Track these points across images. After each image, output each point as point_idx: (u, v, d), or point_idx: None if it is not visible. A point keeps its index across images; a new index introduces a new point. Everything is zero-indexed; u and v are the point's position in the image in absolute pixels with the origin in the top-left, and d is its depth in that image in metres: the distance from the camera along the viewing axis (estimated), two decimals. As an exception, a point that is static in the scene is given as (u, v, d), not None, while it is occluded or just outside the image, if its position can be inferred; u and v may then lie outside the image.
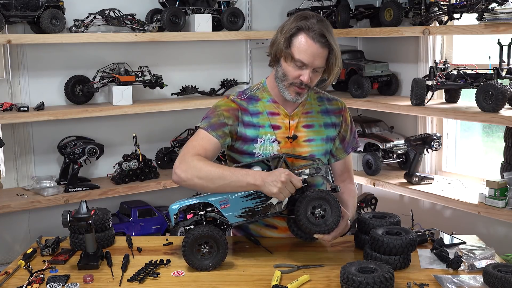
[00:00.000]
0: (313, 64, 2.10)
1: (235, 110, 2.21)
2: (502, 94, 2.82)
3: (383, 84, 3.79)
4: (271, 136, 2.22)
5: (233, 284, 1.92)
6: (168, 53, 3.72)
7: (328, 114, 2.32)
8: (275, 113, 2.25)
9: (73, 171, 3.24)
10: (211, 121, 2.17)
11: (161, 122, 3.73)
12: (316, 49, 2.08)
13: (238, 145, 2.23)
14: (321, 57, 2.10)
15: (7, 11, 2.97)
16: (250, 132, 2.22)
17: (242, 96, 2.27)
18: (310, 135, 2.27)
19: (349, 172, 2.41)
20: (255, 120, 2.22)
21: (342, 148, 2.35)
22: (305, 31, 2.08)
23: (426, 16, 3.27)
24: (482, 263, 2.02)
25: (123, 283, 1.92)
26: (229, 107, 2.21)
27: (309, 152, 2.26)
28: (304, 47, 2.08)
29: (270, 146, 2.21)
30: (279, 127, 2.24)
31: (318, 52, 2.09)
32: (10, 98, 3.24)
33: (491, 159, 3.48)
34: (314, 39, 2.07)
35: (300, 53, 2.09)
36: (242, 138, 2.22)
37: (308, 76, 2.11)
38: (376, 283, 1.73)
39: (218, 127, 2.16)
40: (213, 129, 2.15)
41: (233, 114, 2.20)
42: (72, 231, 2.21)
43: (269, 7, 4.02)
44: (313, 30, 2.07)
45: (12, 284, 1.91)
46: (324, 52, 2.10)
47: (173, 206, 2.08)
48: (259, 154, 2.21)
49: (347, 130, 2.36)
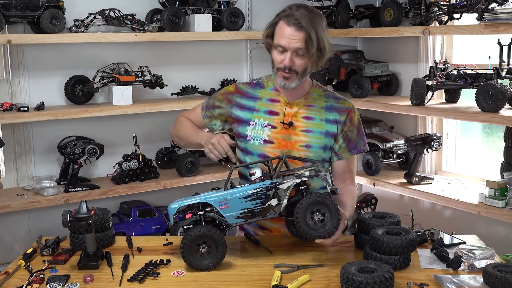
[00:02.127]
0: (290, 46, 2.18)
1: (229, 94, 2.39)
2: (502, 94, 2.82)
3: (383, 84, 3.79)
4: (264, 121, 2.31)
5: (233, 284, 1.92)
6: (168, 53, 3.72)
7: (331, 111, 2.34)
8: (275, 100, 2.34)
9: (73, 171, 3.24)
10: (209, 102, 2.43)
11: (161, 122, 3.73)
12: (291, 32, 2.17)
13: (235, 128, 2.37)
14: (297, 39, 2.17)
15: (7, 11, 2.97)
16: (244, 114, 2.34)
17: (251, 81, 2.44)
18: (309, 127, 2.30)
19: (351, 173, 2.42)
20: (251, 103, 2.34)
21: (346, 147, 2.36)
22: (283, 19, 2.21)
23: (426, 16, 3.27)
24: (482, 263, 2.02)
25: (123, 283, 1.92)
26: (227, 91, 2.41)
27: (306, 142, 2.29)
28: (281, 32, 2.20)
29: (261, 130, 2.31)
30: (277, 113, 2.32)
31: (294, 35, 2.17)
32: (10, 98, 3.24)
33: (491, 159, 3.48)
34: (289, 23, 2.18)
35: (278, 38, 2.21)
36: (237, 120, 2.35)
37: (289, 59, 2.20)
38: (376, 283, 1.73)
39: (208, 108, 2.42)
40: (205, 108, 2.42)
41: (225, 98, 2.39)
42: (72, 231, 2.21)
43: (269, 7, 4.01)
44: (290, 16, 2.19)
45: (12, 284, 1.91)
46: (300, 34, 2.17)
47: (172, 206, 2.08)
48: (250, 137, 2.31)
49: (352, 130, 2.35)
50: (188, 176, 3.52)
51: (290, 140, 2.28)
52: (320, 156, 2.31)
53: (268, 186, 2.04)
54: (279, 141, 2.28)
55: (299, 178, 2.07)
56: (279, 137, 2.28)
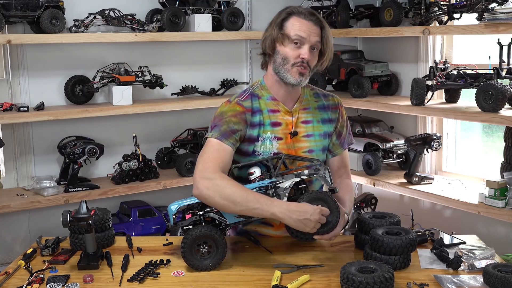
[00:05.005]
0: (310, 39, 2.15)
1: (242, 114, 2.18)
2: (502, 94, 2.82)
3: (383, 84, 3.79)
4: (270, 134, 2.21)
5: (233, 284, 1.92)
6: (168, 53, 3.72)
7: (325, 110, 2.34)
8: (276, 110, 2.24)
9: (73, 171, 3.24)
10: (222, 129, 2.12)
11: (161, 122, 3.73)
12: (310, 25, 2.15)
13: (241, 146, 2.21)
14: (316, 33, 2.16)
15: (7, 11, 2.97)
16: (254, 132, 2.21)
17: (244, 95, 2.26)
18: (309, 131, 2.28)
19: (346, 167, 2.42)
20: (257, 118, 2.21)
21: (339, 143, 2.37)
22: (295, 14, 2.17)
23: (426, 16, 3.27)
24: (482, 263, 2.02)
25: (123, 283, 1.92)
26: (236, 111, 2.18)
27: (308, 147, 2.27)
28: (298, 25, 2.15)
29: (270, 144, 2.21)
30: (280, 123, 2.24)
31: (313, 28, 2.15)
32: (10, 98, 3.24)
33: (491, 159, 3.48)
34: (306, 17, 2.16)
35: (296, 30, 2.15)
36: (248, 139, 2.20)
37: (308, 51, 2.15)
38: (376, 283, 1.73)
39: (229, 135, 2.12)
40: (225, 137, 2.11)
41: (241, 119, 2.17)
42: (72, 231, 2.21)
43: (269, 7, 4.01)
44: (303, 11, 2.17)
45: (12, 284, 1.91)
46: (317, 29, 2.17)
47: (171, 206, 2.08)
48: (259, 153, 2.21)
49: (343, 126, 2.37)
50: (188, 176, 3.52)
51: (294, 148, 2.25)
52: (322, 158, 2.32)
53: (268, 185, 2.04)
54: (285, 150, 2.23)
55: (298, 177, 2.07)
56: (285, 147, 2.23)
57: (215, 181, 1.99)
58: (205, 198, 2.01)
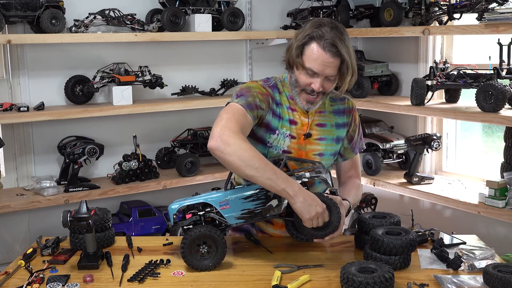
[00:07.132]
0: (324, 73, 2.08)
1: (267, 96, 2.16)
2: (502, 94, 2.82)
3: (383, 84, 3.79)
4: (286, 130, 2.20)
5: (233, 284, 1.92)
6: (168, 53, 3.72)
7: (339, 115, 2.32)
8: (293, 109, 2.22)
9: (73, 171, 3.24)
10: (248, 100, 2.07)
11: (161, 122, 3.73)
12: (327, 58, 2.05)
13: (257, 130, 2.17)
14: (332, 66, 2.07)
15: (7, 11, 2.97)
16: (274, 122, 2.18)
17: (268, 82, 2.24)
18: (322, 134, 2.27)
19: (356, 169, 2.42)
20: (278, 110, 2.19)
21: (350, 148, 2.36)
22: (317, 40, 2.05)
23: (426, 16, 3.27)
24: (482, 263, 2.01)
25: (123, 283, 1.92)
26: (262, 91, 2.15)
27: (319, 150, 2.26)
28: (315, 56, 2.06)
29: (282, 140, 2.19)
30: (296, 122, 2.22)
31: (329, 62, 2.06)
32: (10, 98, 3.25)
33: (491, 159, 3.48)
34: (325, 48, 2.04)
35: (311, 62, 2.07)
36: (265, 125, 2.17)
37: (319, 84, 2.09)
38: (376, 283, 1.73)
39: (254, 108, 2.07)
40: (250, 108, 2.06)
41: (266, 100, 2.14)
42: (72, 231, 2.21)
43: (269, 7, 4.02)
44: (325, 39, 2.04)
45: (12, 284, 1.91)
46: (336, 61, 2.07)
47: (172, 206, 2.08)
48: (270, 144, 2.18)
49: (355, 130, 2.36)
50: (188, 176, 3.52)
51: (305, 150, 2.24)
52: (330, 162, 2.32)
53: None
54: (295, 150, 2.22)
55: (300, 179, 2.07)
56: (296, 147, 2.22)
57: (237, 140, 1.92)
58: (222, 152, 1.92)
